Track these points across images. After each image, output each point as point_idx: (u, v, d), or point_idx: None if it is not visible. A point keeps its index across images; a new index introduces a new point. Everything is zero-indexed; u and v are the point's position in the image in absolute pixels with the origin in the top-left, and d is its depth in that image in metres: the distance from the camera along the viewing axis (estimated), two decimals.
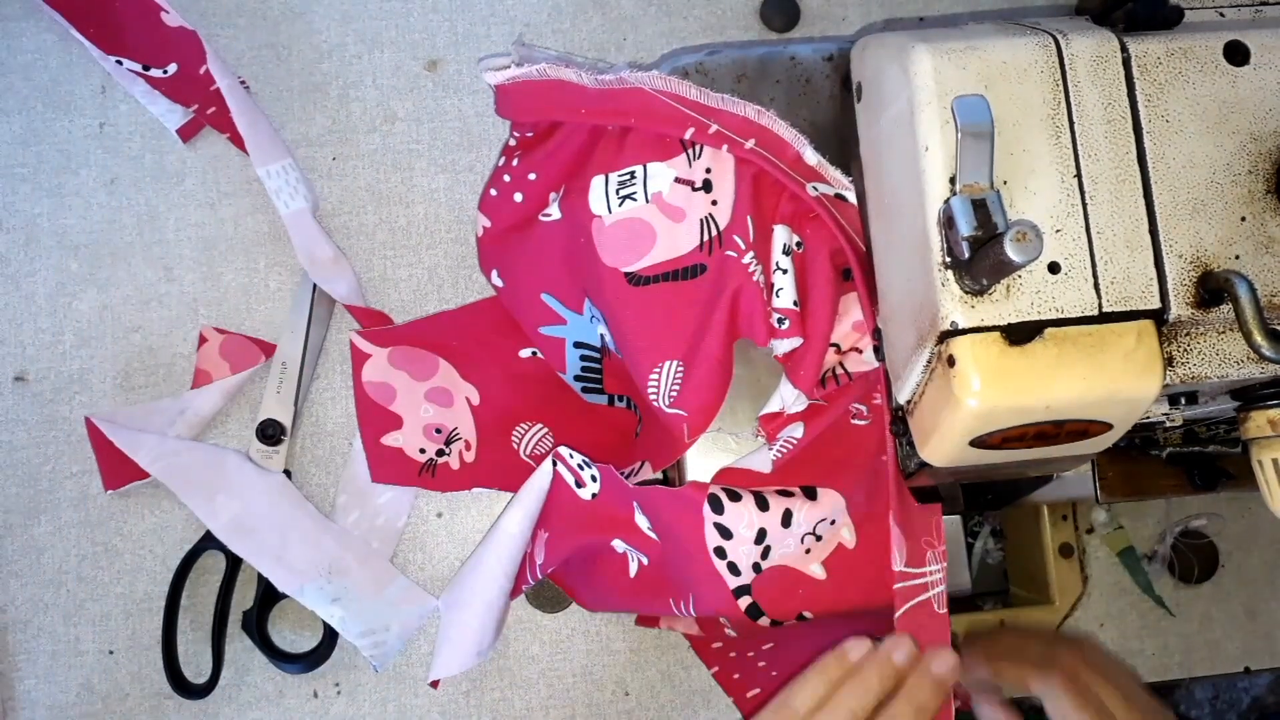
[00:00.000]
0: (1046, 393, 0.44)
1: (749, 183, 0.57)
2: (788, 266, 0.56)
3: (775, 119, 0.56)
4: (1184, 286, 0.45)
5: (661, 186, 0.58)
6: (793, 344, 0.57)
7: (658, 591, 0.60)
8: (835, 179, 0.56)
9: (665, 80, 0.57)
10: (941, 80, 0.45)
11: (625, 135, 0.58)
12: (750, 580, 0.56)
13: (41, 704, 0.64)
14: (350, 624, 0.63)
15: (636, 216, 0.58)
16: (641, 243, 0.58)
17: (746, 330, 0.57)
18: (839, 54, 0.64)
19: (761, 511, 0.55)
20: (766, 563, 0.56)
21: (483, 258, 0.67)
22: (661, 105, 0.57)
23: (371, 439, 0.65)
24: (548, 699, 0.66)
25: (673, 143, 0.58)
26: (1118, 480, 0.61)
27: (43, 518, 0.65)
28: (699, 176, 0.57)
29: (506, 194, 0.64)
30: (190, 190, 0.69)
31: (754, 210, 0.57)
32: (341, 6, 0.71)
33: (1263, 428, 0.49)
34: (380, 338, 0.65)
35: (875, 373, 0.57)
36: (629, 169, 0.58)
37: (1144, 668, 0.70)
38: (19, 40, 0.69)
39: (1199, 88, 0.46)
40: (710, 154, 0.57)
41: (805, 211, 0.57)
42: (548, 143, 0.61)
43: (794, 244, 0.57)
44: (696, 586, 0.57)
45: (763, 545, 0.56)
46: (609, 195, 0.59)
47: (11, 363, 0.67)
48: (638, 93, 0.57)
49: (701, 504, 0.56)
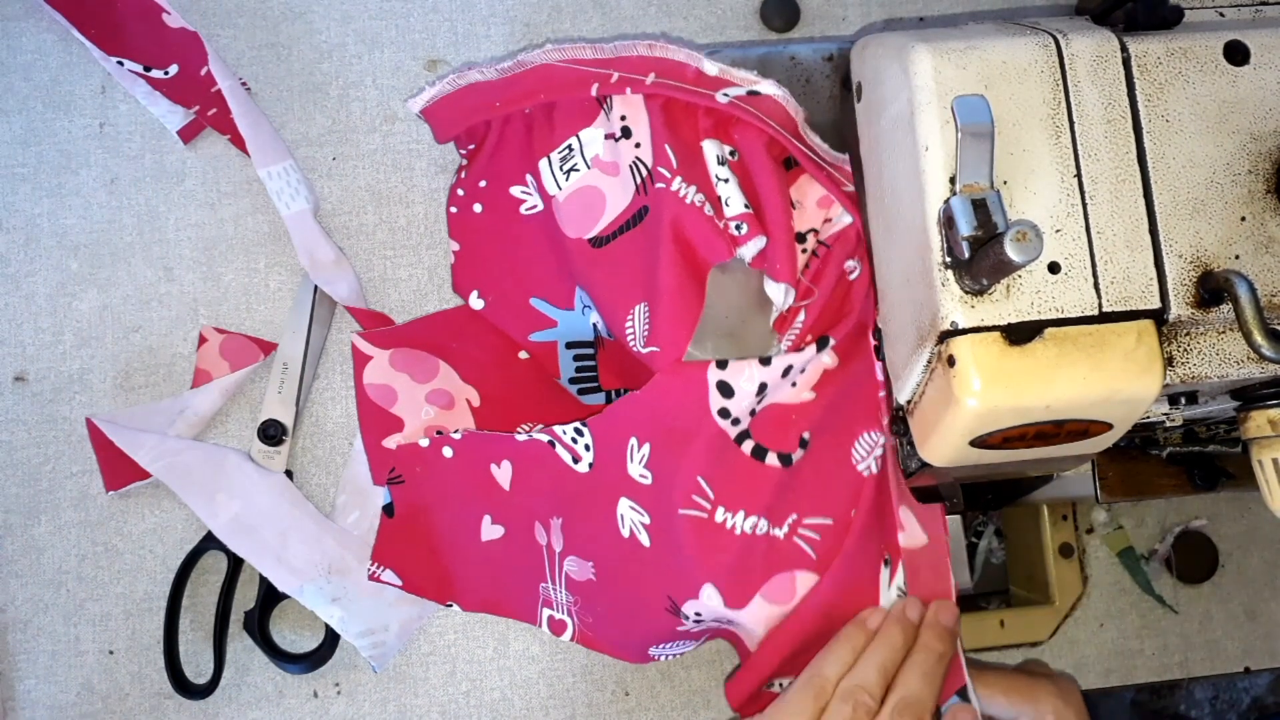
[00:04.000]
0: (1046, 393, 0.44)
1: (659, 114, 0.59)
2: (728, 175, 0.58)
3: (667, 45, 0.59)
4: (1184, 286, 0.45)
5: (596, 149, 0.61)
6: (757, 245, 0.57)
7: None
8: (742, 78, 0.58)
9: (560, 50, 0.60)
10: (941, 80, 0.45)
11: (551, 114, 0.61)
12: (748, 425, 0.57)
13: (41, 704, 0.64)
14: (349, 624, 0.63)
15: (583, 185, 0.61)
16: (594, 208, 0.60)
17: (706, 253, 0.58)
18: (839, 54, 0.64)
19: (764, 366, 0.56)
20: (761, 405, 0.57)
21: (457, 282, 0.67)
22: (562, 72, 0.60)
23: (373, 441, 0.65)
24: (548, 699, 0.66)
25: (590, 104, 0.60)
26: (1118, 480, 0.61)
27: (43, 518, 0.65)
28: (617, 126, 0.60)
29: (465, 208, 0.66)
30: (190, 190, 0.69)
31: (671, 138, 0.58)
32: (341, 6, 0.71)
33: (1263, 427, 0.49)
34: (381, 339, 0.65)
35: (853, 227, 0.58)
36: (565, 144, 0.61)
37: (1144, 668, 0.70)
38: (19, 40, 0.69)
39: (1199, 88, 0.46)
40: (620, 102, 0.60)
41: (726, 120, 0.59)
42: (484, 146, 0.64)
43: (727, 154, 0.58)
44: (698, 459, 0.57)
45: (762, 396, 0.57)
46: (555, 174, 0.62)
47: (11, 363, 0.67)
48: (539, 69, 0.61)
49: (704, 370, 0.57)
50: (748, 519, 0.57)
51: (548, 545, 0.63)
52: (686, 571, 0.57)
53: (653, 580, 0.59)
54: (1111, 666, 0.69)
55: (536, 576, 0.64)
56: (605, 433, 0.60)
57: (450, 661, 0.66)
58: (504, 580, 0.65)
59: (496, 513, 0.64)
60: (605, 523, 0.61)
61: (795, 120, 0.59)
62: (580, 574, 0.62)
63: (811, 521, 0.57)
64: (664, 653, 0.62)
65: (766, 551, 0.57)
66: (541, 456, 0.62)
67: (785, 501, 0.57)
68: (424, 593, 0.64)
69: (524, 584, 0.64)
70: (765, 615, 0.57)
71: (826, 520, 0.57)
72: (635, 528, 0.60)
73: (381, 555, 0.64)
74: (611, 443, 0.60)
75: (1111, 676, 0.69)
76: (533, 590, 0.64)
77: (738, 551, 0.56)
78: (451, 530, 0.64)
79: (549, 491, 0.63)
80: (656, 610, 0.59)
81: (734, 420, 0.57)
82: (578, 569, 0.62)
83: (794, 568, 0.57)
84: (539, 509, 0.63)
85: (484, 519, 0.64)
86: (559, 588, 0.63)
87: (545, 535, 0.63)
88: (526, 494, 0.63)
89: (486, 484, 0.64)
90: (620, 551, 0.60)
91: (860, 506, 0.57)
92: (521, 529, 0.64)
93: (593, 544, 0.62)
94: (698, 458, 0.57)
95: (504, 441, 0.63)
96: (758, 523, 0.57)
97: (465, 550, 0.64)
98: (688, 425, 0.57)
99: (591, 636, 0.63)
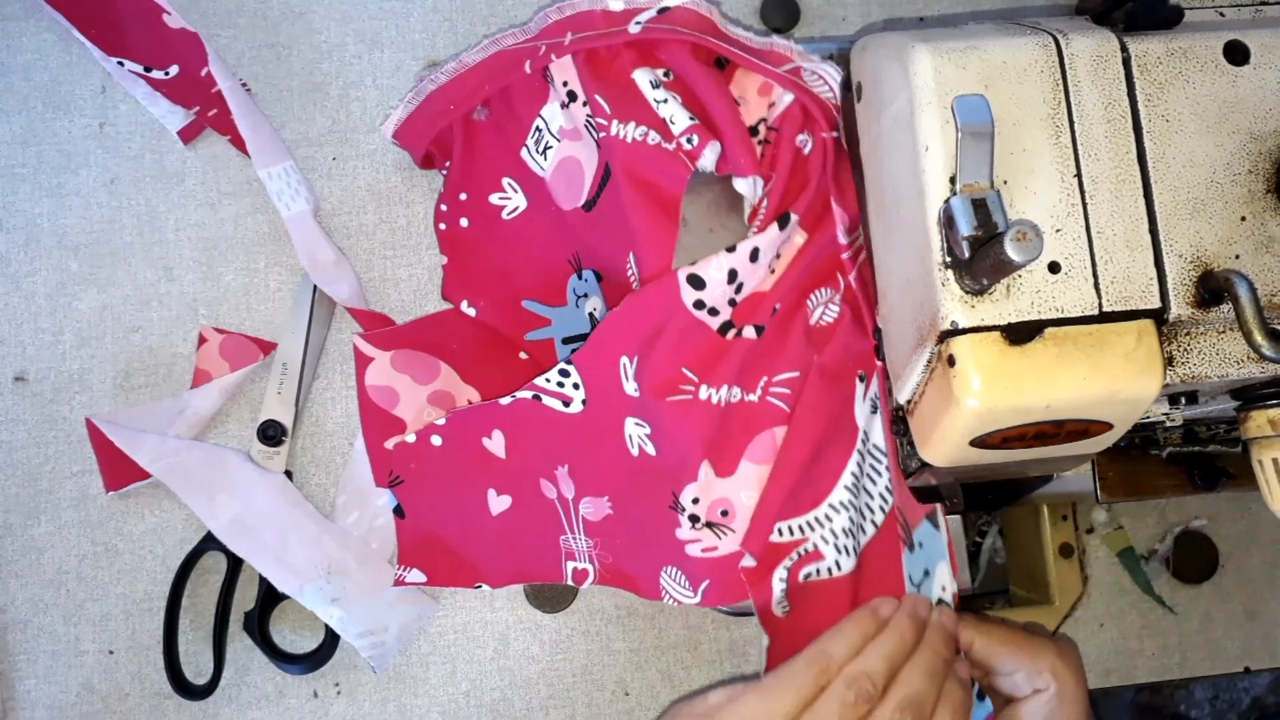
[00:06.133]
0: (1046, 392, 0.44)
1: (584, 67, 0.60)
2: (665, 96, 0.59)
3: (573, 4, 0.62)
4: (1184, 286, 0.45)
5: (559, 121, 0.63)
6: (714, 151, 0.58)
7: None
8: (648, 1, 0.60)
9: (495, 41, 0.64)
10: (941, 80, 0.45)
11: (513, 105, 0.64)
12: (730, 314, 0.58)
13: (41, 704, 0.64)
14: (349, 624, 0.63)
15: (561, 158, 0.63)
16: (575, 175, 0.62)
17: (665, 181, 0.59)
18: (839, 54, 0.64)
19: (730, 253, 0.57)
20: (741, 295, 0.58)
21: (447, 292, 0.68)
22: (498, 60, 0.64)
23: (376, 444, 0.65)
24: (548, 699, 0.66)
25: (539, 83, 0.63)
26: (1118, 480, 0.61)
27: (43, 518, 0.65)
28: (563, 94, 0.62)
29: (452, 223, 0.67)
30: (190, 190, 0.69)
31: (600, 87, 0.60)
32: (341, 6, 0.71)
33: (1263, 427, 0.49)
34: (382, 340, 0.66)
35: (796, 103, 0.59)
36: (533, 127, 0.63)
37: (1144, 668, 0.70)
38: (19, 40, 0.69)
39: (1199, 87, 0.46)
40: (556, 69, 0.61)
41: (649, 46, 0.60)
42: (456, 158, 0.65)
43: (661, 76, 0.60)
44: (680, 351, 0.58)
45: (736, 283, 0.57)
46: (535, 158, 0.64)
47: (11, 363, 0.67)
48: (481, 64, 0.64)
49: (675, 275, 0.57)
50: (728, 390, 0.58)
51: (559, 496, 0.64)
52: (684, 457, 0.58)
53: (659, 484, 0.60)
54: (1111, 666, 0.69)
55: (555, 531, 0.65)
56: (593, 362, 0.61)
57: (450, 661, 0.66)
58: (523, 547, 0.65)
59: (500, 484, 0.65)
60: (614, 451, 0.61)
61: (713, 21, 0.61)
62: (597, 513, 0.63)
63: (781, 378, 0.59)
64: (671, 586, 0.62)
65: (745, 416, 0.59)
66: (530, 414, 0.62)
67: (755, 367, 0.59)
68: (451, 582, 0.65)
69: (543, 544, 0.65)
70: (755, 476, 0.59)
71: (794, 374, 0.59)
72: (642, 441, 0.60)
73: (405, 557, 0.65)
74: (602, 370, 0.60)
75: (1112, 676, 0.69)
76: (553, 547, 0.65)
77: (720, 422, 0.58)
78: (461, 515, 0.65)
79: (548, 444, 0.63)
80: (661, 511, 0.60)
81: (711, 310, 0.58)
82: (593, 509, 0.63)
83: (771, 425, 0.59)
84: (541, 466, 0.64)
85: (489, 493, 0.65)
86: (578, 535, 0.64)
87: (554, 488, 0.64)
88: (525, 455, 0.64)
89: (482, 459, 0.64)
90: (631, 471, 0.61)
91: (824, 350, 0.59)
92: (528, 491, 0.65)
93: (603, 477, 0.62)
94: (679, 350, 0.58)
95: (489, 412, 0.63)
96: (732, 391, 0.58)
97: (479, 530, 0.65)
98: (666, 324, 0.58)
99: (610, 574, 0.64)
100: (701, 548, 0.59)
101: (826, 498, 0.59)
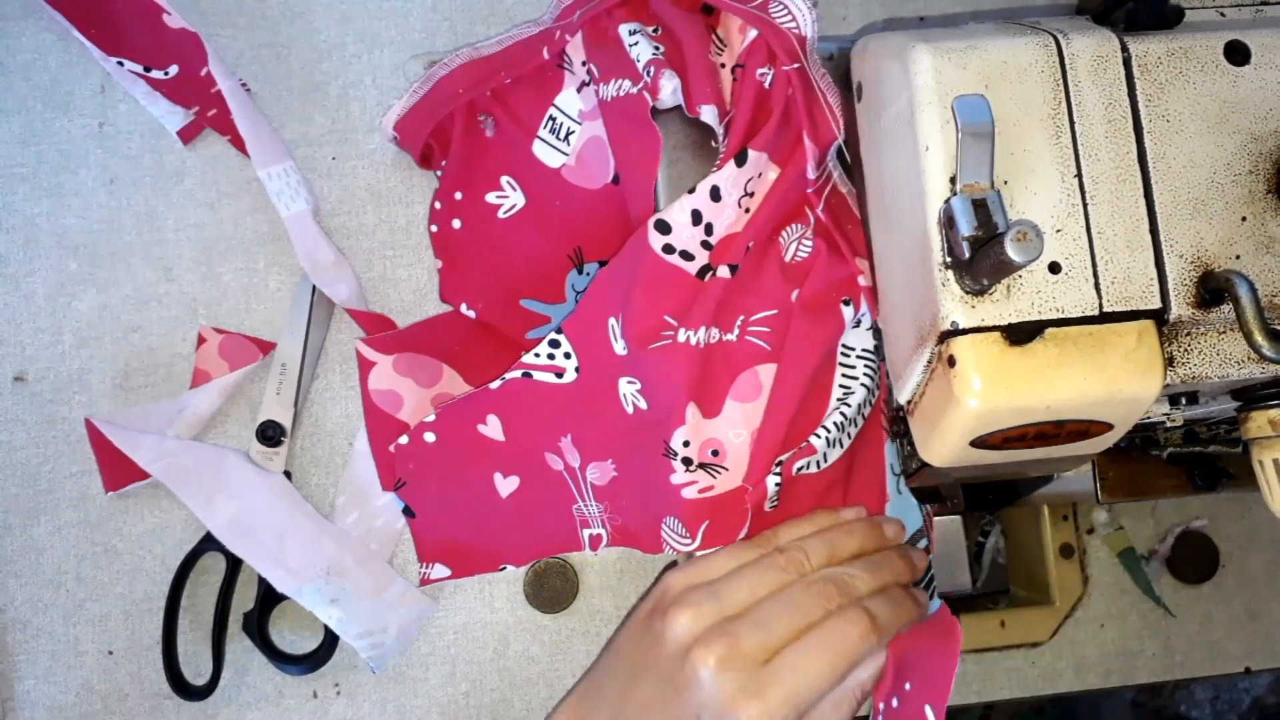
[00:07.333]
0: (1047, 393, 0.44)
1: (587, 38, 0.62)
2: (637, 39, 0.60)
3: None
4: (1184, 286, 0.45)
5: (577, 105, 0.63)
6: (671, 80, 0.58)
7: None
8: None
9: (508, 35, 0.65)
10: (941, 80, 0.45)
11: (512, 109, 0.64)
12: (707, 258, 0.58)
13: (41, 704, 0.64)
14: (348, 625, 0.63)
15: (587, 139, 0.63)
16: (604, 154, 0.63)
17: (640, 126, 0.59)
18: (839, 54, 0.64)
19: (690, 195, 0.57)
20: (714, 238, 0.58)
21: (445, 293, 0.68)
22: (518, 49, 0.64)
23: (381, 448, 0.65)
24: (548, 699, 0.66)
25: (551, 73, 0.63)
26: (1118, 480, 0.61)
27: (43, 518, 0.65)
28: (581, 74, 0.62)
29: (445, 224, 0.67)
30: (190, 190, 0.69)
31: (596, 54, 0.61)
32: (341, 6, 0.70)
33: (1263, 428, 0.48)
34: (384, 344, 0.66)
35: (761, 39, 0.58)
36: (546, 117, 0.64)
37: (1144, 668, 0.70)
38: (19, 40, 0.69)
39: (1199, 87, 0.46)
40: (573, 50, 0.62)
41: (638, 3, 0.61)
42: (453, 154, 0.65)
43: (650, 31, 0.60)
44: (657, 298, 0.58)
45: (703, 224, 0.57)
46: (555, 146, 0.64)
47: (11, 363, 0.67)
48: (498, 55, 0.65)
49: (646, 224, 0.58)
50: (706, 331, 0.58)
51: (566, 466, 0.64)
52: (670, 402, 0.59)
53: (653, 436, 0.60)
54: (1112, 667, 0.69)
55: (567, 501, 0.65)
56: (582, 327, 0.61)
57: (450, 662, 0.66)
58: (539, 523, 0.66)
59: (504, 466, 0.65)
60: (612, 413, 0.62)
61: None
62: (603, 478, 0.64)
63: (758, 316, 0.59)
64: (671, 538, 0.62)
65: (725, 356, 0.59)
66: (523, 392, 0.63)
67: (732, 306, 0.59)
68: (475, 570, 0.66)
69: (557, 516, 0.65)
70: (741, 415, 0.59)
71: (772, 312, 0.59)
72: (635, 398, 0.61)
73: (425, 555, 0.66)
74: (592, 335, 0.61)
75: (1112, 677, 0.69)
76: (568, 518, 0.65)
77: (701, 363, 0.58)
78: (470, 503, 0.65)
79: (547, 417, 0.63)
80: (656, 460, 0.60)
81: (685, 254, 0.58)
82: (600, 474, 0.64)
83: (753, 364, 0.59)
84: (543, 440, 0.64)
85: (495, 477, 0.65)
86: (589, 502, 0.65)
87: (560, 459, 0.64)
88: (524, 433, 0.64)
89: (481, 445, 0.65)
90: (629, 429, 0.61)
91: (804, 285, 0.59)
92: (533, 468, 0.65)
93: (605, 441, 0.63)
94: (656, 297, 0.58)
95: (480, 399, 0.64)
96: (710, 332, 0.59)
97: (492, 514, 0.65)
98: (638, 272, 0.58)
99: (620, 535, 0.65)
100: (698, 489, 0.59)
101: (821, 422, 0.60)
